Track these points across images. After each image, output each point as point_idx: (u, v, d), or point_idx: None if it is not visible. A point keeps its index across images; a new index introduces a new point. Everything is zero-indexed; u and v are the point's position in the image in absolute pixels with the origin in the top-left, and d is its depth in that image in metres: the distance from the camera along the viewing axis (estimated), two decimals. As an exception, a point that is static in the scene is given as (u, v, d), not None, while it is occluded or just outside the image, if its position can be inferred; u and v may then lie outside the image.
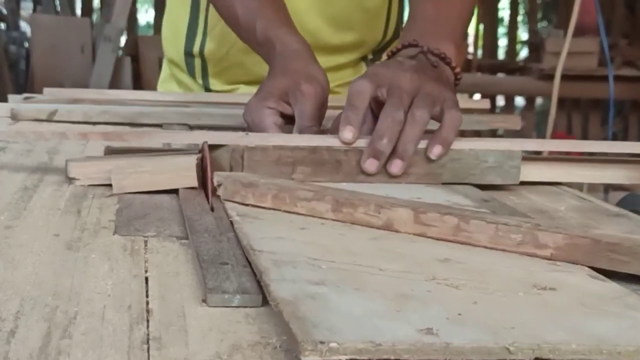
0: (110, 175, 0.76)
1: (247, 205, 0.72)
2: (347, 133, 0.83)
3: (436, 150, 0.83)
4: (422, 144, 0.84)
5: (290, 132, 0.92)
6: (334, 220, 0.69)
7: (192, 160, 0.77)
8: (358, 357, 0.41)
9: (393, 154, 0.82)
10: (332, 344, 0.41)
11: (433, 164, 0.84)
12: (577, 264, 0.60)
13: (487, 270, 0.58)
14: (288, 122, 0.95)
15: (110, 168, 0.77)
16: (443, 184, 0.85)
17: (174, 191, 0.77)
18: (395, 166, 0.82)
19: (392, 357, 0.42)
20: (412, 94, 0.85)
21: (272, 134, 0.91)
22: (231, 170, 0.82)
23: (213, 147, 0.82)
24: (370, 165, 0.82)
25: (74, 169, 0.79)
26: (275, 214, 0.70)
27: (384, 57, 1.12)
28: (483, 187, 0.85)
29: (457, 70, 0.98)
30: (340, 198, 0.69)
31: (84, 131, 0.91)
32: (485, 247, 0.63)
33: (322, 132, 0.90)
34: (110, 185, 0.76)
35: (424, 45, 0.95)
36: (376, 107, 0.86)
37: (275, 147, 0.83)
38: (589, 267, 0.60)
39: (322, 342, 0.41)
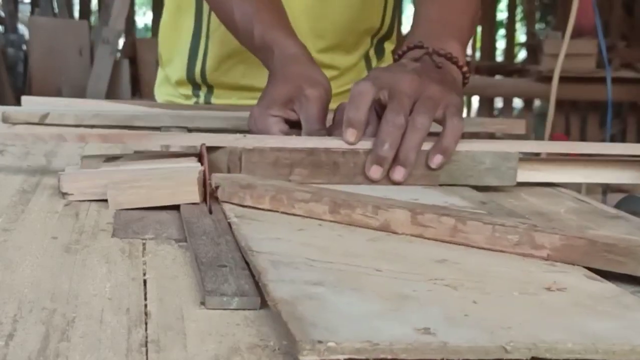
0: (106, 190, 0.72)
1: (245, 206, 0.71)
2: (350, 135, 0.83)
3: (437, 160, 0.84)
4: (425, 146, 0.83)
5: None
6: (331, 221, 0.69)
7: (193, 175, 0.73)
8: (356, 357, 0.41)
9: (395, 161, 0.82)
10: (330, 344, 0.41)
11: None
12: (573, 264, 0.60)
13: (484, 270, 0.58)
14: (293, 128, 0.94)
15: (105, 182, 0.73)
16: (440, 185, 0.84)
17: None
18: (398, 173, 0.83)
19: (390, 357, 0.42)
20: (414, 97, 0.84)
21: (269, 136, 0.90)
22: (229, 172, 0.81)
23: (211, 149, 0.80)
24: (375, 172, 0.83)
25: (66, 183, 0.75)
26: (273, 215, 0.70)
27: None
28: (480, 188, 0.85)
29: (465, 69, 0.97)
30: (337, 199, 0.69)
31: (83, 133, 0.88)
32: (482, 248, 0.63)
33: (329, 134, 0.89)
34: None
35: (429, 47, 0.95)
36: (379, 109, 0.86)
37: (272, 148, 0.82)
38: (585, 267, 0.59)
39: (320, 342, 0.41)
